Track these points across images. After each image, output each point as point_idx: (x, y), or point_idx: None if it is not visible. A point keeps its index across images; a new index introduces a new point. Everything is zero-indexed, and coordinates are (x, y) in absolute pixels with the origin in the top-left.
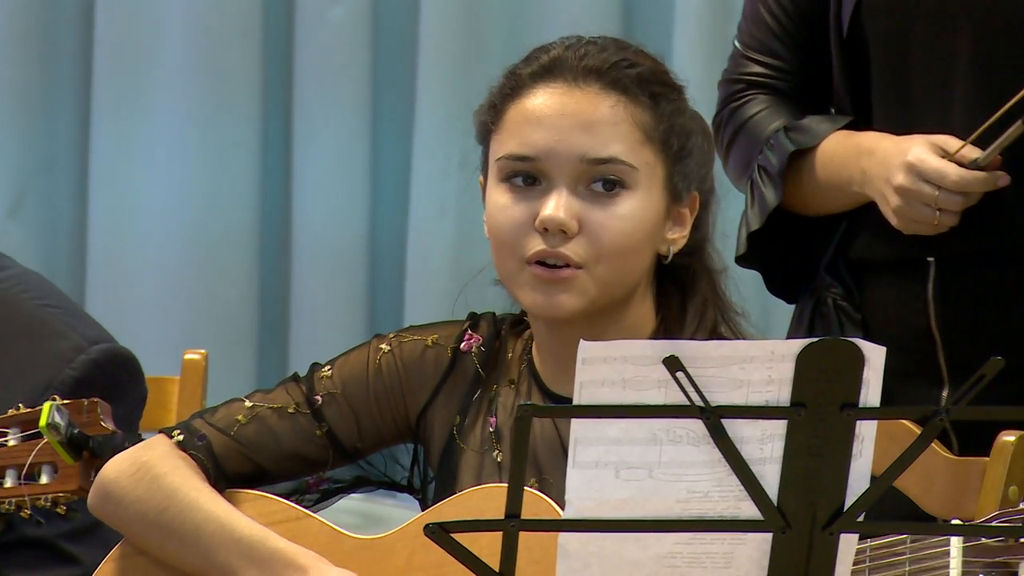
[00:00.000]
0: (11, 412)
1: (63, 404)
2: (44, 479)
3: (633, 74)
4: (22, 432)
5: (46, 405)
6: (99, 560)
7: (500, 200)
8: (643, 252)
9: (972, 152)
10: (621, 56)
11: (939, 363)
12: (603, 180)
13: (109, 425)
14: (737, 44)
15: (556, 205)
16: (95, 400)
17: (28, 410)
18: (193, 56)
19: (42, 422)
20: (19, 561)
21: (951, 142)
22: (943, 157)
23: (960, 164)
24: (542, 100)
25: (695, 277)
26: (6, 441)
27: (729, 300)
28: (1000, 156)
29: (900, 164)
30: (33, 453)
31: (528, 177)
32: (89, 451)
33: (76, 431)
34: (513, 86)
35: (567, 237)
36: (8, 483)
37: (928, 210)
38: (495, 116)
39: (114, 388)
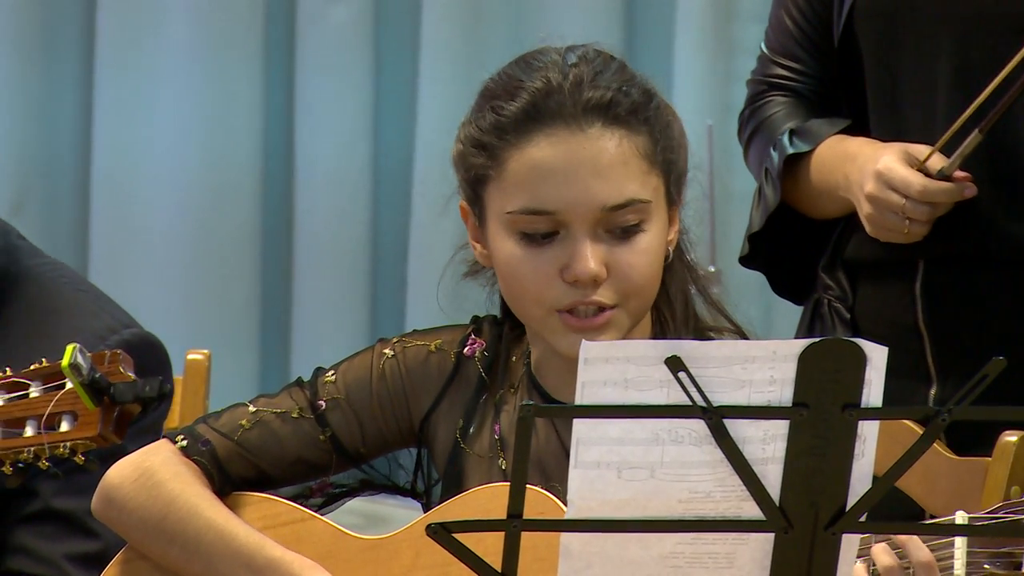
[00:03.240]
0: (34, 366)
1: (85, 350)
2: (64, 427)
3: (629, 104)
4: (44, 385)
5: (69, 347)
6: (120, 538)
7: (515, 252)
8: (661, 269)
9: (939, 161)
10: (614, 86)
11: (927, 361)
12: (623, 225)
13: (130, 373)
14: (763, 47)
15: (585, 259)
16: (117, 351)
17: (49, 364)
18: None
19: (64, 362)
20: (42, 532)
21: (923, 151)
22: (912, 165)
23: (928, 174)
24: (548, 151)
25: (668, 255)
26: (28, 393)
27: (697, 264)
28: (967, 165)
29: (871, 172)
30: (54, 401)
31: (543, 231)
32: (109, 397)
33: (98, 375)
34: (504, 128)
35: (597, 284)
36: (29, 432)
37: (896, 218)
38: (492, 162)
39: (144, 373)
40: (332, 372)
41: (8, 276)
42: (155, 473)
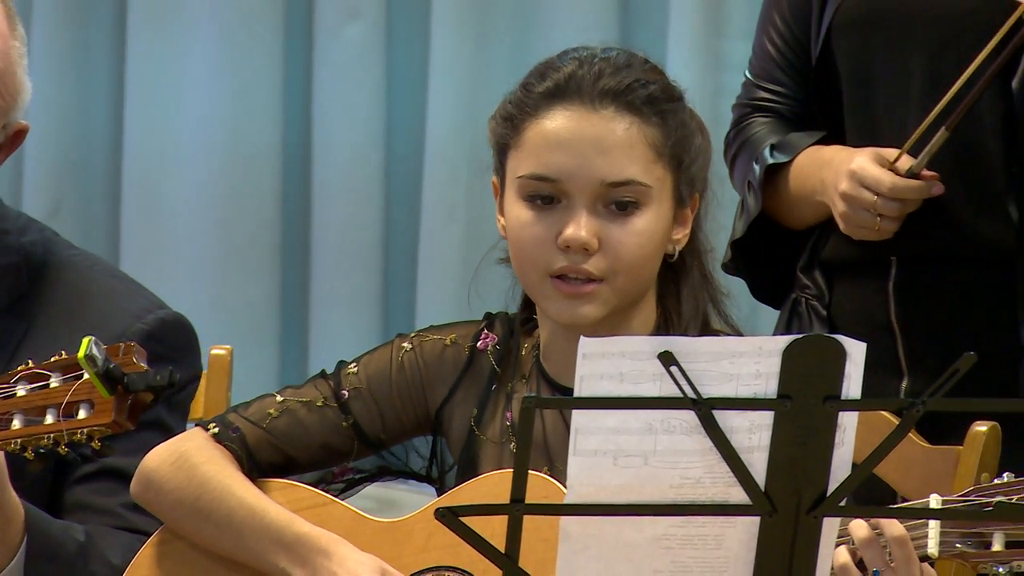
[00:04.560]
0: (54, 358)
1: (100, 343)
2: (81, 414)
3: (645, 95)
4: (63, 375)
5: (85, 340)
6: None
7: (522, 216)
8: (655, 259)
9: (908, 162)
10: (633, 77)
11: (899, 356)
12: (620, 200)
13: (142, 364)
14: (748, 74)
15: (578, 225)
16: (131, 343)
17: (68, 356)
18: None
19: (80, 354)
20: (99, 488)
21: (893, 152)
22: (883, 166)
23: (898, 173)
24: (561, 123)
25: (686, 263)
26: (48, 383)
27: (716, 280)
28: (935, 166)
29: (844, 172)
30: (71, 390)
31: (548, 196)
32: (123, 385)
33: (112, 365)
34: (529, 102)
35: (588, 254)
36: (48, 420)
37: (868, 215)
38: (513, 131)
39: (176, 350)
40: (354, 364)
41: (48, 265)
42: (190, 457)
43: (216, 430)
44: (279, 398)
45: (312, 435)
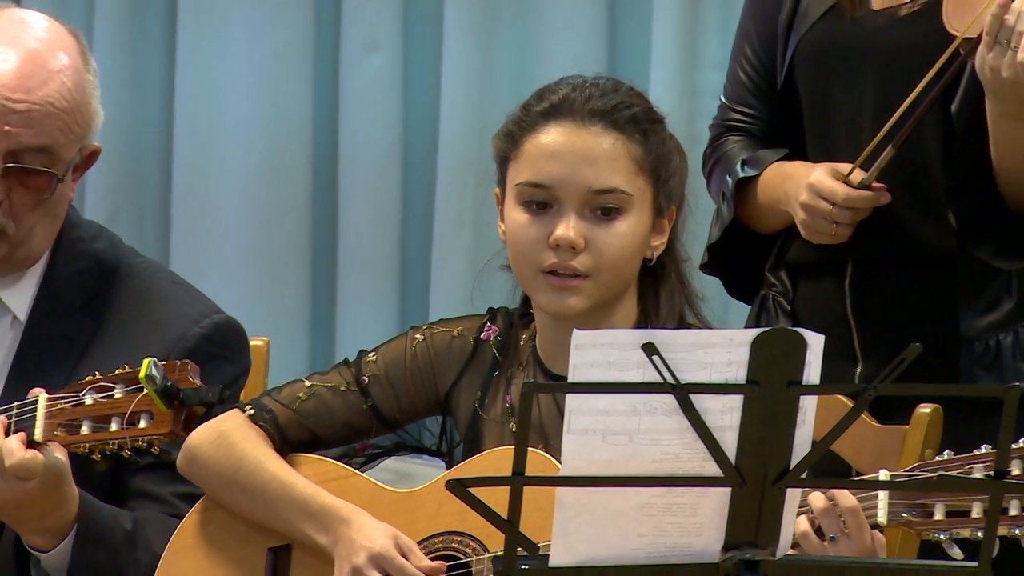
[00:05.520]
0: (117, 371)
1: (159, 362)
2: (142, 424)
3: (628, 115)
4: (126, 387)
5: (145, 361)
6: None
7: (519, 218)
8: (635, 260)
9: (860, 175)
10: (619, 100)
11: (854, 345)
12: (605, 206)
13: (196, 381)
14: (722, 98)
15: (567, 227)
16: (186, 361)
17: (130, 369)
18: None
19: (141, 374)
20: (155, 478)
21: (847, 167)
22: (838, 179)
23: (851, 185)
24: (554, 137)
25: (665, 268)
26: (113, 394)
27: (692, 285)
28: (884, 178)
29: (804, 185)
30: (134, 403)
31: (542, 202)
32: (179, 400)
33: (169, 383)
34: (528, 120)
35: (575, 252)
36: (113, 427)
37: (825, 222)
38: (512, 145)
39: (229, 351)
40: (373, 353)
41: (118, 271)
42: (229, 436)
43: (252, 412)
44: (307, 383)
45: (336, 416)
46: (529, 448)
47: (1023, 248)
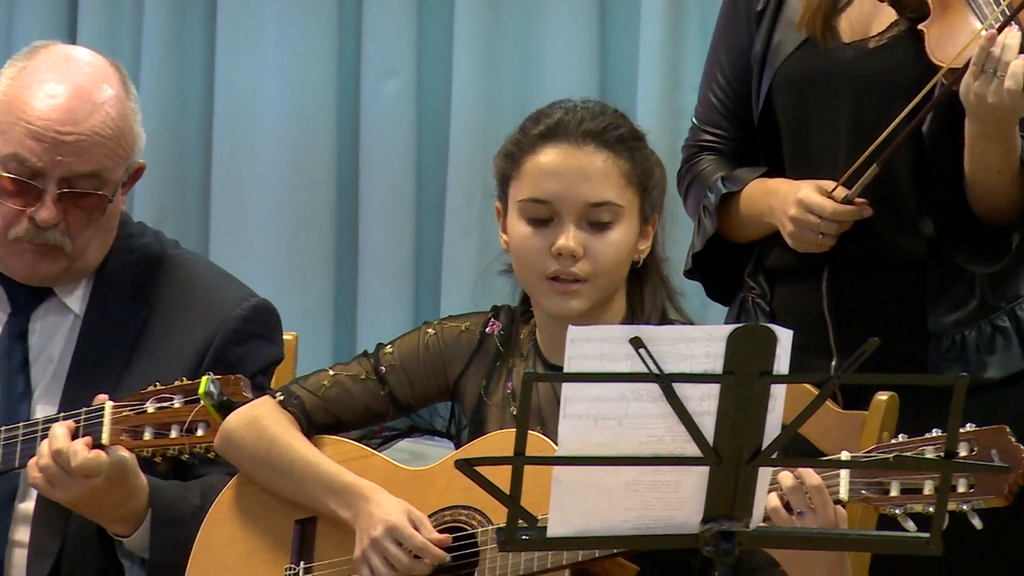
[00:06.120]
0: (176, 383)
1: (216, 379)
2: (200, 432)
3: (616, 135)
4: (184, 398)
5: (203, 379)
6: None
7: (523, 231)
8: (626, 264)
9: (843, 191)
10: (608, 121)
11: (829, 342)
12: (599, 218)
13: (249, 395)
14: (694, 119)
15: (567, 237)
16: (239, 376)
17: (188, 382)
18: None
19: (200, 391)
20: (213, 464)
21: (831, 184)
22: (824, 195)
23: (835, 200)
24: (552, 157)
25: (648, 268)
26: (172, 404)
27: (672, 282)
28: (864, 193)
29: (793, 200)
30: (193, 413)
31: (543, 219)
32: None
33: (225, 398)
34: (526, 142)
35: (575, 260)
36: (173, 434)
37: (812, 234)
38: (513, 165)
39: (267, 329)
40: (390, 346)
41: (162, 261)
42: (261, 420)
43: (281, 398)
44: (331, 372)
45: (357, 401)
46: (529, 431)
47: (995, 253)
